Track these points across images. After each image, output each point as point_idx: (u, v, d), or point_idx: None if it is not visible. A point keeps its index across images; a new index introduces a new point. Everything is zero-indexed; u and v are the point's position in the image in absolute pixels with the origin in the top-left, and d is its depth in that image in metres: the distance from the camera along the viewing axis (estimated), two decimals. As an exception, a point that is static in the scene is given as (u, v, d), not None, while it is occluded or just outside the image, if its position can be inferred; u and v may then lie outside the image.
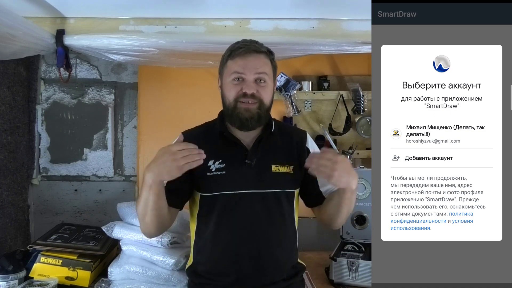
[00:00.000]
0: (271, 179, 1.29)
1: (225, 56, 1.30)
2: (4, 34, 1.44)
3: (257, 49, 1.27)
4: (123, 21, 1.83)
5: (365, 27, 1.78)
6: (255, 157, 1.28)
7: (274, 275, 1.28)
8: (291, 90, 2.11)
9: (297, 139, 1.38)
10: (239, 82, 1.25)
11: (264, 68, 1.26)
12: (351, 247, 1.81)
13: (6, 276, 1.52)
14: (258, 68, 1.25)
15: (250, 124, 1.26)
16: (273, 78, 1.32)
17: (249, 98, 1.24)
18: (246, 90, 1.23)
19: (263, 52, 1.28)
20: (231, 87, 1.26)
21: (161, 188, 1.16)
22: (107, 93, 2.26)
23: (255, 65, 1.25)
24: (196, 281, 1.34)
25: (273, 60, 1.32)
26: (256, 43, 1.30)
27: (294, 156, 1.34)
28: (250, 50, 1.25)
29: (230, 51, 1.28)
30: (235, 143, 1.30)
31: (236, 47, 1.27)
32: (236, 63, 1.25)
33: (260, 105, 1.25)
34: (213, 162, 1.28)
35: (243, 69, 1.24)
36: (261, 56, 1.27)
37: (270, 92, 1.29)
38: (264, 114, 1.28)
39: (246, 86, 1.24)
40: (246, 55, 1.25)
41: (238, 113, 1.25)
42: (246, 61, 1.24)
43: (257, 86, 1.25)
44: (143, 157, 2.21)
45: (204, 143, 1.29)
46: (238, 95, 1.24)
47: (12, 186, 1.98)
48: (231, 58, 1.26)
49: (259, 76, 1.25)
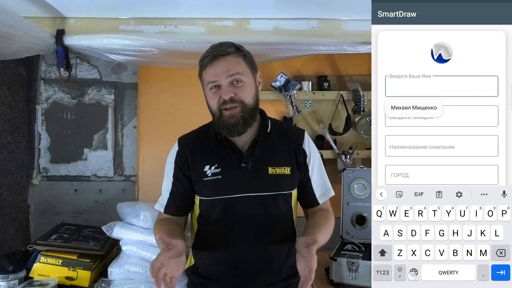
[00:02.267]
0: (267, 182, 1.27)
1: (199, 68, 1.29)
2: (4, 34, 1.45)
3: (223, 52, 1.23)
4: (123, 21, 1.83)
5: (365, 27, 1.78)
6: (250, 160, 1.27)
7: (272, 276, 1.28)
8: (291, 90, 2.11)
9: (294, 139, 1.34)
10: (217, 90, 1.23)
11: (236, 68, 1.23)
12: (351, 247, 1.82)
13: (6, 276, 1.52)
14: (230, 69, 1.21)
15: (237, 129, 1.23)
16: (251, 73, 1.27)
17: (229, 103, 1.22)
18: (224, 96, 1.21)
19: (231, 53, 1.24)
20: (211, 97, 1.25)
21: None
22: (107, 93, 2.26)
23: (225, 68, 1.22)
24: (196, 281, 1.35)
25: (246, 56, 1.27)
26: (222, 45, 1.25)
27: (291, 157, 1.31)
28: (216, 55, 1.23)
29: (200, 63, 1.27)
30: (230, 146, 1.29)
31: (203, 56, 1.26)
32: (208, 72, 1.24)
33: (243, 107, 1.22)
34: (209, 167, 1.27)
35: (215, 77, 1.22)
36: (230, 57, 1.23)
37: (250, 90, 1.25)
38: (250, 115, 1.24)
39: (223, 91, 1.22)
40: (214, 62, 1.22)
41: (223, 121, 1.23)
42: (215, 67, 1.22)
43: (234, 89, 1.22)
44: (143, 157, 2.21)
45: (200, 148, 1.31)
46: (219, 103, 1.23)
47: (12, 186, 1.98)
48: (203, 69, 1.25)
49: (233, 78, 1.22)
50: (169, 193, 1.33)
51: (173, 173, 1.32)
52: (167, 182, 1.34)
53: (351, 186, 1.94)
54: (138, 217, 1.72)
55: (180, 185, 1.31)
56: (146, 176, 2.20)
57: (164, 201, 1.34)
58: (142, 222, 1.72)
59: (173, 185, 1.32)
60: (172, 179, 1.32)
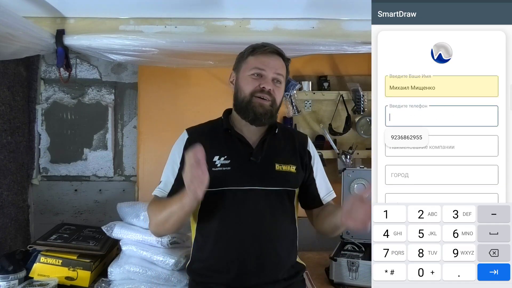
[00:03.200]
0: (274, 177, 1.31)
1: (246, 52, 1.35)
2: (4, 34, 1.44)
3: (279, 52, 1.34)
4: (123, 21, 1.83)
5: (365, 27, 1.78)
6: (260, 155, 1.31)
7: (274, 273, 1.29)
8: (291, 90, 2.11)
9: (299, 141, 1.43)
10: (257, 78, 1.30)
11: (282, 71, 1.33)
12: (351, 247, 1.82)
13: (6, 276, 1.52)
14: (277, 68, 1.31)
15: (263, 119, 1.30)
16: (285, 82, 1.37)
17: (265, 94, 1.29)
18: (264, 85, 1.28)
19: (283, 56, 1.35)
20: (249, 81, 1.30)
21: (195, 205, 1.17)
22: (107, 93, 2.26)
23: (276, 65, 1.31)
24: (197, 279, 1.35)
25: (288, 67, 1.38)
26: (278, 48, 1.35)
27: (296, 157, 1.38)
28: (273, 50, 1.32)
29: (252, 48, 1.34)
30: (240, 140, 1.33)
31: (259, 45, 1.33)
32: (258, 59, 1.31)
33: (273, 103, 1.31)
34: (218, 157, 1.30)
35: (264, 66, 1.30)
36: (280, 60, 1.34)
37: (281, 94, 1.36)
38: (275, 113, 1.33)
39: (265, 82, 1.29)
40: (269, 54, 1.31)
41: (253, 107, 1.29)
42: (268, 59, 1.31)
43: (273, 86, 1.30)
44: (143, 157, 2.21)
45: (209, 139, 1.33)
46: (255, 89, 1.29)
47: (12, 186, 1.98)
48: (253, 55, 1.32)
49: (277, 77, 1.31)
50: (174, 179, 1.32)
51: (181, 159, 1.31)
52: (172, 168, 1.34)
53: (351, 186, 1.94)
54: (138, 217, 1.72)
55: None
56: (146, 176, 2.20)
57: (168, 187, 1.32)
58: (142, 222, 1.72)
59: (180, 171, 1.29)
60: (179, 165, 1.31)
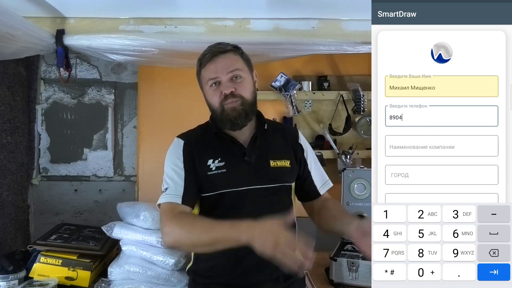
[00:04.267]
0: (271, 174, 1.31)
1: (197, 67, 1.33)
2: (4, 34, 1.44)
3: (222, 50, 1.28)
4: (123, 21, 1.83)
5: (365, 27, 1.78)
6: (253, 154, 1.31)
7: (275, 271, 1.28)
8: (291, 90, 2.11)
9: (290, 135, 1.43)
10: (217, 87, 1.27)
11: (235, 65, 1.28)
12: (351, 247, 1.81)
13: (6, 276, 1.52)
14: (228, 67, 1.26)
15: (239, 121, 1.27)
16: (249, 71, 1.32)
17: (230, 98, 1.26)
18: (224, 91, 1.25)
19: (230, 50, 1.29)
20: (212, 94, 1.28)
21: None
22: (107, 93, 2.26)
23: (225, 65, 1.27)
24: (198, 280, 1.35)
25: (243, 54, 1.33)
26: (220, 44, 1.31)
27: (290, 151, 1.38)
28: (216, 52, 1.28)
29: (199, 61, 1.31)
30: (231, 141, 1.32)
31: (202, 55, 1.30)
32: (207, 69, 1.28)
33: (242, 101, 1.27)
34: (212, 161, 1.29)
35: (215, 73, 1.27)
36: (229, 55, 1.29)
37: (249, 86, 1.30)
38: (250, 109, 1.29)
39: (223, 87, 1.26)
40: (214, 59, 1.27)
41: (226, 114, 1.27)
42: (215, 64, 1.27)
43: (234, 84, 1.27)
44: (143, 157, 2.21)
45: (202, 143, 1.33)
46: (220, 99, 1.27)
47: (12, 186, 1.98)
48: (202, 67, 1.30)
49: (233, 74, 1.27)
50: (183, 182, 1.26)
51: (183, 164, 1.29)
52: (177, 173, 1.28)
53: (351, 186, 1.94)
54: (138, 217, 1.72)
55: (193, 176, 1.27)
56: (146, 176, 2.20)
57: (180, 190, 1.24)
58: (142, 222, 1.72)
59: (187, 174, 1.27)
60: (183, 169, 1.28)
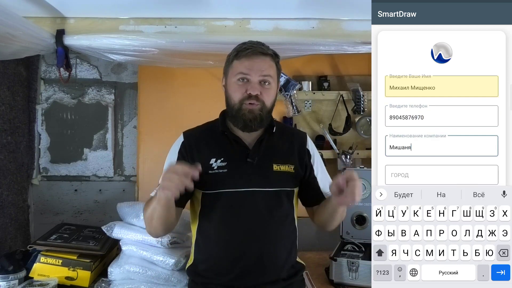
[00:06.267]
0: (272, 178, 1.30)
1: (231, 56, 1.31)
2: (4, 34, 1.44)
3: (263, 51, 1.28)
4: (123, 21, 1.83)
5: (365, 27, 1.78)
6: (256, 156, 1.30)
7: (274, 273, 1.29)
8: (291, 90, 2.11)
9: (298, 139, 1.41)
10: (243, 83, 1.27)
11: (269, 71, 1.28)
12: (351, 247, 1.81)
13: (6, 276, 1.52)
14: (263, 70, 1.26)
15: (253, 125, 1.28)
16: (277, 80, 1.34)
17: (253, 100, 1.25)
18: (250, 91, 1.25)
19: (269, 55, 1.30)
20: (236, 88, 1.28)
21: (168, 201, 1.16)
22: (107, 93, 2.26)
23: (261, 67, 1.26)
24: (197, 280, 1.35)
25: (278, 63, 1.34)
26: (263, 45, 1.31)
27: (295, 156, 1.36)
28: (257, 52, 1.27)
29: (236, 52, 1.29)
30: (236, 142, 1.32)
31: (242, 48, 1.29)
32: (242, 63, 1.27)
33: (262, 107, 1.28)
34: (214, 160, 1.29)
35: (248, 70, 1.26)
36: (267, 59, 1.29)
37: (273, 95, 1.31)
38: (266, 116, 1.30)
39: (251, 87, 1.25)
40: (252, 57, 1.27)
41: (242, 114, 1.27)
42: (252, 62, 1.26)
43: (261, 88, 1.27)
44: (143, 157, 2.21)
45: (206, 142, 1.33)
46: (243, 97, 1.26)
47: (12, 186, 1.98)
48: (237, 59, 1.28)
49: (264, 78, 1.27)
50: None
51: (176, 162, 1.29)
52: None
53: (351, 186, 1.94)
54: (138, 217, 1.72)
55: None
56: (146, 176, 2.20)
57: None
58: (142, 222, 1.71)
59: None
60: None
